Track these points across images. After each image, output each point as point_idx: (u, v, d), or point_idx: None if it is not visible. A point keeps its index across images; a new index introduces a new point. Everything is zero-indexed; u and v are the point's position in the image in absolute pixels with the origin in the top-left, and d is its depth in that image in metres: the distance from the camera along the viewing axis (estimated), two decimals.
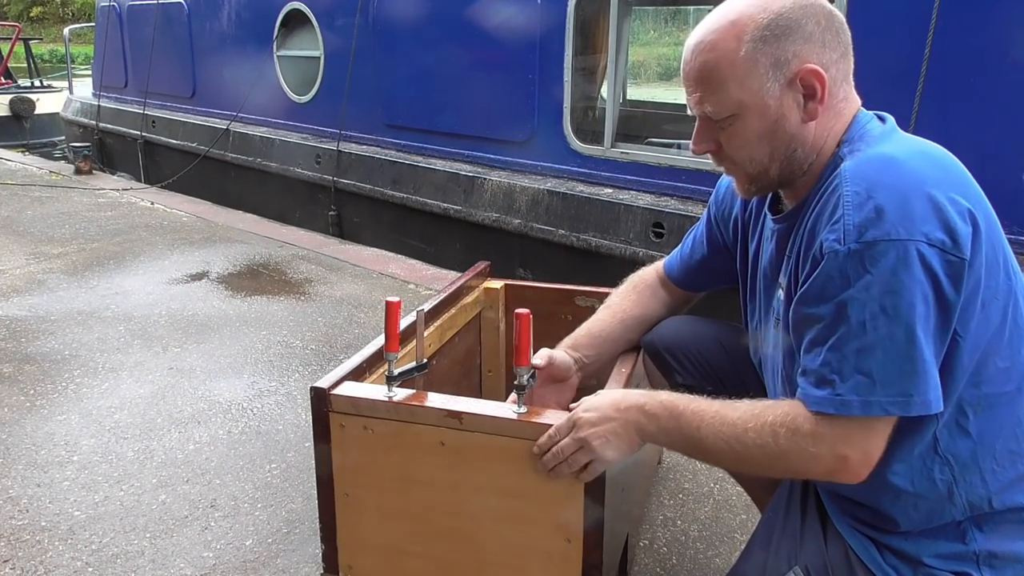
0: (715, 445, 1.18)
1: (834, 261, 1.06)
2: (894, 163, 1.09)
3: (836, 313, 1.06)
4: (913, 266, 1.02)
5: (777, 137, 1.18)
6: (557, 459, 1.32)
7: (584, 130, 4.44)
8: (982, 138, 3.04)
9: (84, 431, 2.51)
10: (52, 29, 36.76)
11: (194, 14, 7.23)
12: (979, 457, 1.12)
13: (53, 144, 12.19)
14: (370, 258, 4.62)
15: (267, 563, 1.90)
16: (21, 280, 4.02)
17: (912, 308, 1.03)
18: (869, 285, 1.03)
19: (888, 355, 1.04)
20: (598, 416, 1.28)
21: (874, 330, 1.04)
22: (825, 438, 1.09)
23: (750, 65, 1.15)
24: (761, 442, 1.14)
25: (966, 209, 1.05)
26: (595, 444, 1.27)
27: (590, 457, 1.29)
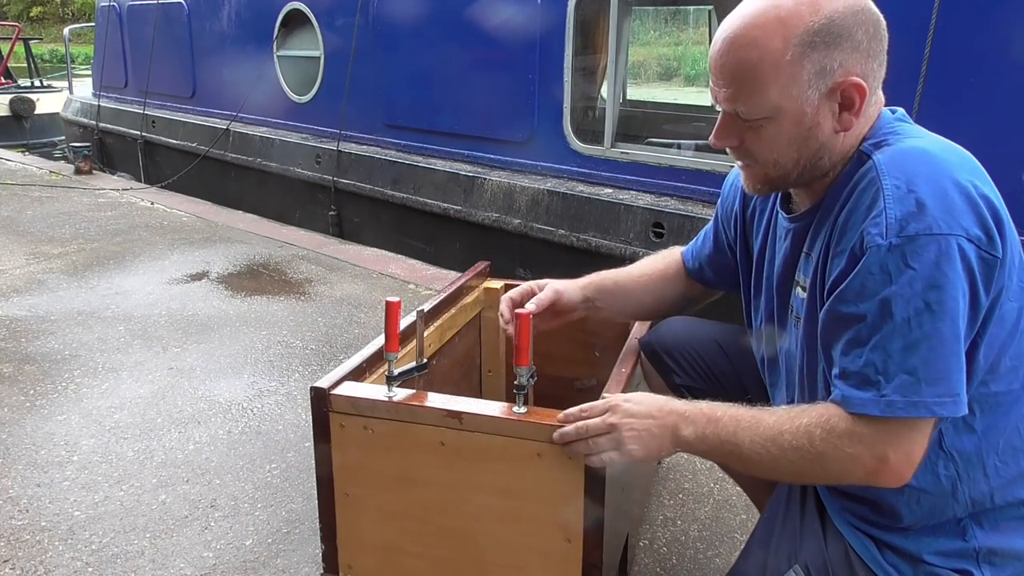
0: (751, 449, 1.15)
1: (876, 255, 1.03)
2: (929, 156, 1.07)
3: (879, 311, 1.04)
4: (955, 260, 1.01)
5: (807, 144, 1.15)
6: (579, 435, 1.27)
7: (584, 130, 4.44)
8: (982, 138, 3.03)
9: (84, 431, 2.51)
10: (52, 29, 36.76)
11: (194, 14, 7.23)
12: (983, 453, 1.11)
13: (53, 144, 12.19)
14: (370, 258, 4.62)
15: (267, 563, 1.90)
16: (21, 280, 4.02)
17: (956, 303, 1.01)
18: (912, 280, 1.01)
19: (934, 352, 1.02)
20: (640, 409, 1.23)
21: (919, 327, 1.02)
22: (864, 438, 1.06)
23: (795, 70, 1.09)
24: (797, 444, 1.11)
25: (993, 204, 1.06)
26: (626, 435, 1.22)
27: (614, 447, 1.23)
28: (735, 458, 1.19)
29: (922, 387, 1.03)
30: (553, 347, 2.12)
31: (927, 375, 1.02)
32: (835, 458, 1.09)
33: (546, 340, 1.63)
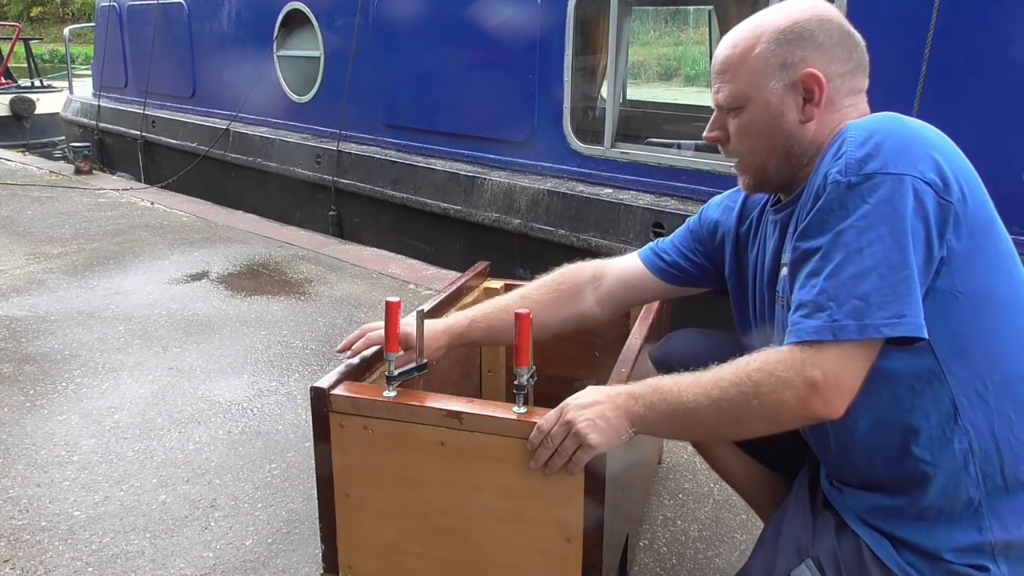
0: (695, 402, 1.18)
1: (836, 192, 1.10)
2: (896, 117, 1.16)
3: (833, 242, 1.10)
4: (908, 197, 1.07)
5: (776, 133, 1.25)
6: (548, 449, 1.30)
7: (584, 130, 4.44)
8: (982, 138, 3.04)
9: (84, 431, 2.51)
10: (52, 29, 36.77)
11: (194, 14, 7.23)
12: (995, 427, 1.13)
13: (53, 144, 12.20)
14: (370, 258, 4.62)
15: (267, 563, 1.90)
16: (21, 280, 4.02)
17: (906, 235, 1.07)
18: (867, 214, 1.08)
19: (884, 279, 1.07)
20: (588, 399, 1.28)
21: (871, 255, 1.07)
22: (796, 362, 1.10)
23: (761, 62, 1.24)
24: (736, 379, 1.15)
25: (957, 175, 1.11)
26: (582, 428, 1.25)
27: (577, 443, 1.27)
28: (685, 419, 1.22)
29: (873, 311, 1.06)
30: (553, 347, 2.12)
31: (878, 299, 1.06)
32: (769, 386, 1.12)
33: (546, 340, 1.63)
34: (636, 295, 1.64)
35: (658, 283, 1.60)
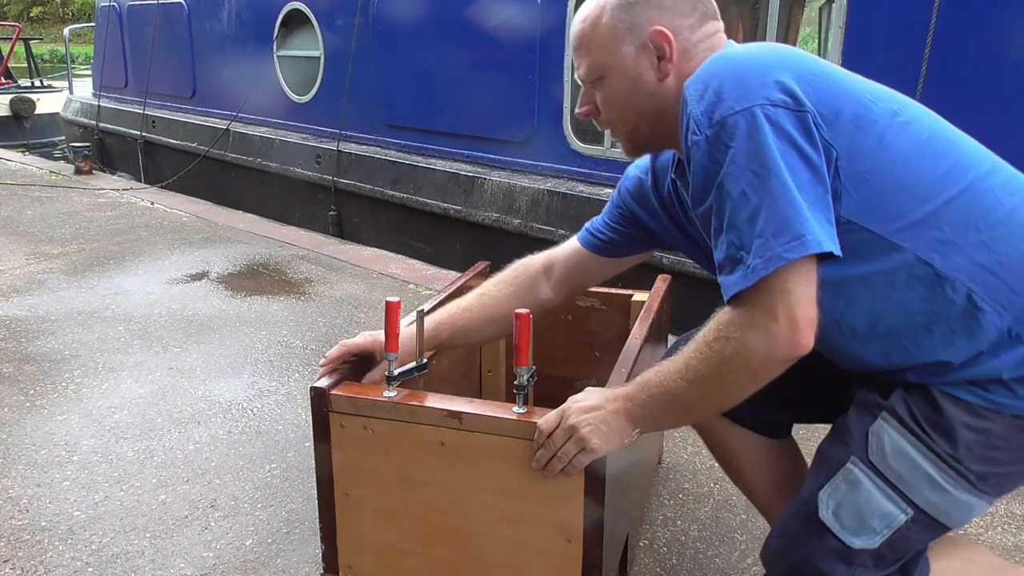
0: (676, 387, 1.20)
1: (698, 152, 1.14)
2: (723, 56, 1.20)
3: (718, 197, 1.13)
4: (763, 125, 1.09)
5: (637, 95, 1.30)
6: (549, 451, 1.31)
7: (584, 130, 4.44)
8: (982, 138, 3.04)
9: (84, 431, 2.51)
10: (52, 29, 36.78)
11: (194, 14, 7.24)
12: (977, 259, 1.13)
13: (53, 144, 12.20)
14: (370, 258, 4.62)
15: (267, 563, 1.90)
16: (21, 280, 4.03)
17: (776, 161, 1.08)
18: (734, 157, 1.10)
19: (772, 210, 1.08)
20: (588, 404, 1.29)
21: (755, 194, 1.09)
22: (744, 320, 1.12)
23: (609, 31, 1.29)
24: (702, 356, 1.16)
25: (796, 76, 1.13)
26: (585, 432, 1.27)
27: (580, 447, 1.28)
28: (677, 407, 1.24)
29: (771, 242, 1.08)
30: (553, 347, 2.12)
31: (772, 230, 1.08)
32: (730, 350, 1.13)
33: (546, 340, 1.63)
34: (586, 276, 1.69)
35: (601, 260, 1.65)
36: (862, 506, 1.22)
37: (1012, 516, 2.12)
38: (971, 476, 1.17)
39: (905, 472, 1.19)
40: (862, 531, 1.21)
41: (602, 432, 1.27)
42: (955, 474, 1.17)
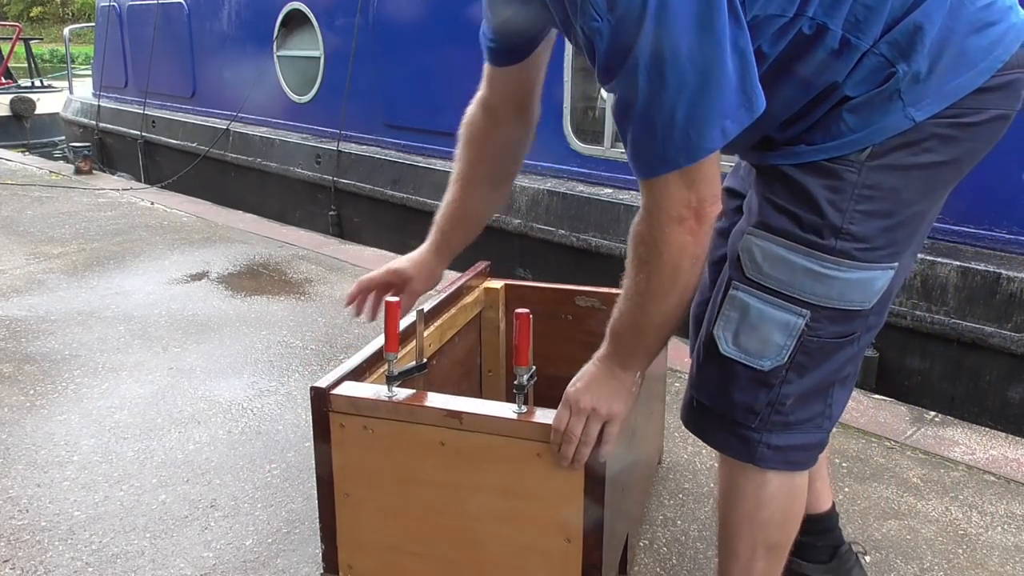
0: (643, 315, 1.21)
1: (600, 38, 1.06)
2: None
3: (627, 81, 1.06)
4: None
5: None
6: (573, 443, 1.29)
7: (584, 130, 4.45)
8: None
9: (84, 431, 2.51)
10: (52, 29, 36.79)
11: (194, 14, 7.24)
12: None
13: (53, 144, 12.21)
14: (370, 258, 4.62)
15: (267, 563, 1.90)
16: (21, 280, 4.03)
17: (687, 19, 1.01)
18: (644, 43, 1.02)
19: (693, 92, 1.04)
20: (583, 382, 1.29)
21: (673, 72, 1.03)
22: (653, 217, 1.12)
23: None
24: (641, 272, 1.17)
25: None
26: (598, 405, 1.27)
27: (601, 421, 1.28)
28: (650, 332, 1.24)
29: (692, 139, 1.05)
30: (553, 347, 2.12)
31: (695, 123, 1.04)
32: (657, 253, 1.13)
33: (546, 340, 1.63)
34: (523, 87, 1.55)
35: (520, 68, 1.50)
36: (758, 326, 1.20)
37: (1012, 516, 2.12)
38: (851, 248, 1.15)
39: (784, 275, 1.17)
40: (767, 351, 1.20)
41: (613, 396, 1.27)
42: (834, 257, 1.15)
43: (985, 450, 2.45)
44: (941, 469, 2.34)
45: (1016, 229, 2.97)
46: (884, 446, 2.47)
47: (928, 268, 3.06)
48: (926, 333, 3.09)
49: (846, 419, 2.61)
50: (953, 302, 3.01)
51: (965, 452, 2.43)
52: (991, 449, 2.45)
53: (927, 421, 2.63)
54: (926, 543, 2.00)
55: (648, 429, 1.99)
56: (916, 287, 3.09)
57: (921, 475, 2.31)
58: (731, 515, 1.37)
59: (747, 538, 1.35)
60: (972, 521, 2.09)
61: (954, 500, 2.19)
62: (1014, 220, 2.97)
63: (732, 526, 1.37)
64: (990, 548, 1.98)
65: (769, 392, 1.23)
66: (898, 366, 3.20)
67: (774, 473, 1.29)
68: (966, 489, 2.24)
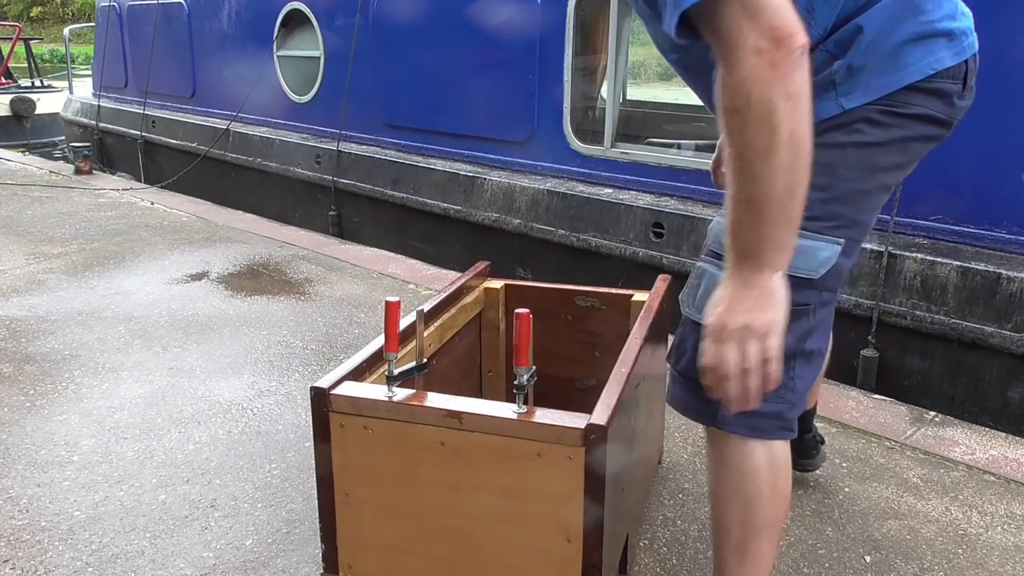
0: (744, 177, 1.08)
1: None
2: None
3: None
4: None
5: None
6: (733, 377, 1.13)
7: (584, 130, 4.45)
8: (982, 138, 3.04)
9: (84, 431, 2.51)
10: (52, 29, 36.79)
11: (194, 14, 7.23)
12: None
13: (53, 144, 12.20)
14: (370, 258, 4.62)
15: (267, 563, 1.90)
16: (21, 280, 4.03)
17: None
18: None
19: None
20: (723, 304, 1.15)
21: None
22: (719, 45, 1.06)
23: None
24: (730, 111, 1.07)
25: None
26: (752, 323, 1.12)
27: (761, 339, 1.12)
28: (766, 209, 1.09)
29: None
30: (553, 347, 2.12)
31: None
32: (745, 97, 1.04)
33: (546, 340, 1.63)
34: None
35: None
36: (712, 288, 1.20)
37: (1012, 516, 2.12)
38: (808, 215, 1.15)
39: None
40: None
41: (758, 306, 1.12)
42: None
43: (985, 450, 2.45)
44: (941, 469, 2.35)
45: (1016, 229, 2.97)
46: (884, 446, 2.47)
47: (928, 268, 3.06)
48: (926, 333, 3.09)
49: (846, 419, 2.61)
50: (953, 302, 3.01)
51: (965, 452, 2.43)
52: (991, 449, 2.45)
53: (927, 421, 2.63)
54: (926, 543, 2.00)
55: (648, 429, 1.99)
56: (916, 287, 3.09)
57: (921, 475, 2.31)
58: (720, 491, 1.40)
59: (737, 515, 1.37)
60: (972, 521, 2.09)
61: (954, 500, 2.19)
62: (1014, 220, 2.97)
63: (722, 502, 1.40)
64: (990, 548, 1.98)
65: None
66: (898, 366, 3.20)
67: (757, 443, 1.33)
68: (966, 489, 2.24)
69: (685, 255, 3.71)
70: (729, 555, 1.41)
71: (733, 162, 1.09)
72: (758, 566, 1.39)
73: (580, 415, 1.38)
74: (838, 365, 1.78)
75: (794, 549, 1.97)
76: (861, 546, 1.98)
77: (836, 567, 1.90)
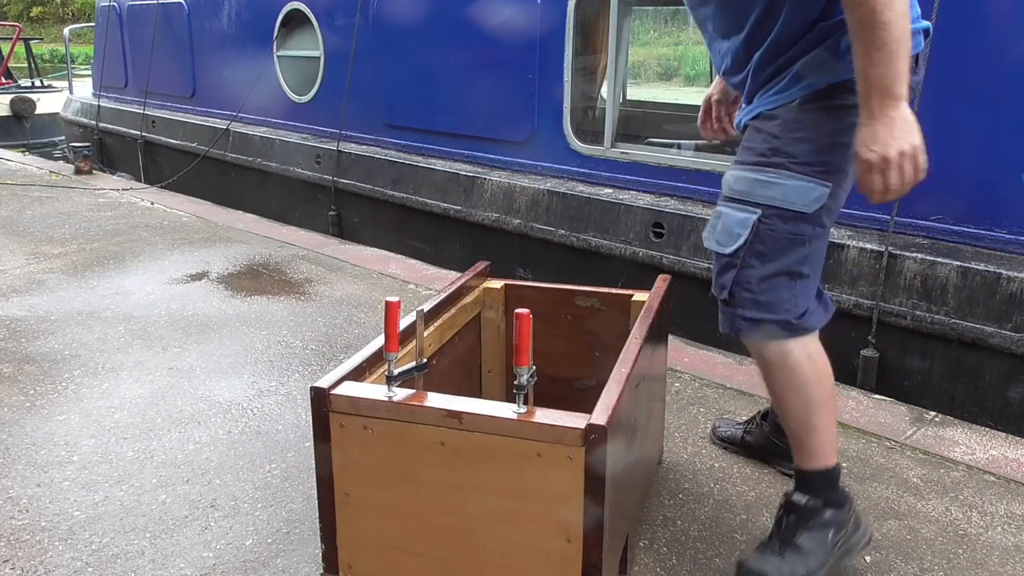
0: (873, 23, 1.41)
1: None
2: None
3: None
4: None
5: None
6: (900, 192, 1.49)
7: (584, 130, 4.44)
8: (982, 138, 3.04)
9: (84, 431, 2.51)
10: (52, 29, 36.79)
11: (194, 14, 7.23)
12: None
13: (53, 144, 12.20)
14: (370, 258, 4.62)
15: (267, 563, 1.91)
16: (21, 280, 4.03)
17: None
18: None
19: None
20: (879, 138, 1.45)
21: None
22: None
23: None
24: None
25: None
26: (905, 147, 1.44)
27: (912, 158, 1.45)
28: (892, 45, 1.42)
29: None
30: (553, 347, 2.12)
31: None
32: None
33: (546, 340, 1.63)
34: None
35: None
36: (727, 224, 1.67)
37: (1012, 516, 2.12)
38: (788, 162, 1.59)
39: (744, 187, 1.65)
40: (730, 240, 1.66)
41: (905, 131, 1.44)
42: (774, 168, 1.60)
43: (985, 450, 2.45)
44: (941, 469, 2.35)
45: (1016, 229, 2.97)
46: (884, 446, 2.47)
47: (928, 268, 3.06)
48: (926, 333, 3.09)
49: (846, 419, 2.61)
50: (953, 302, 3.01)
51: (965, 452, 2.43)
52: (991, 449, 2.45)
53: (927, 421, 2.63)
54: (926, 543, 2.00)
55: (648, 429, 1.99)
56: (916, 287, 3.09)
57: (921, 475, 2.31)
58: (776, 388, 1.73)
59: (795, 402, 1.70)
60: (972, 521, 2.09)
61: (954, 500, 2.19)
62: (1014, 220, 2.97)
63: (781, 397, 1.73)
64: (990, 548, 1.98)
65: (736, 272, 1.66)
66: (898, 366, 3.20)
67: (792, 344, 1.67)
68: (966, 489, 2.24)
69: (685, 255, 3.71)
70: (800, 433, 1.74)
71: (867, 18, 1.41)
72: (825, 433, 1.73)
73: (580, 415, 1.39)
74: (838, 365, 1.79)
75: None
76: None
77: (836, 567, 1.90)
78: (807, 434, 1.73)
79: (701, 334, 3.42)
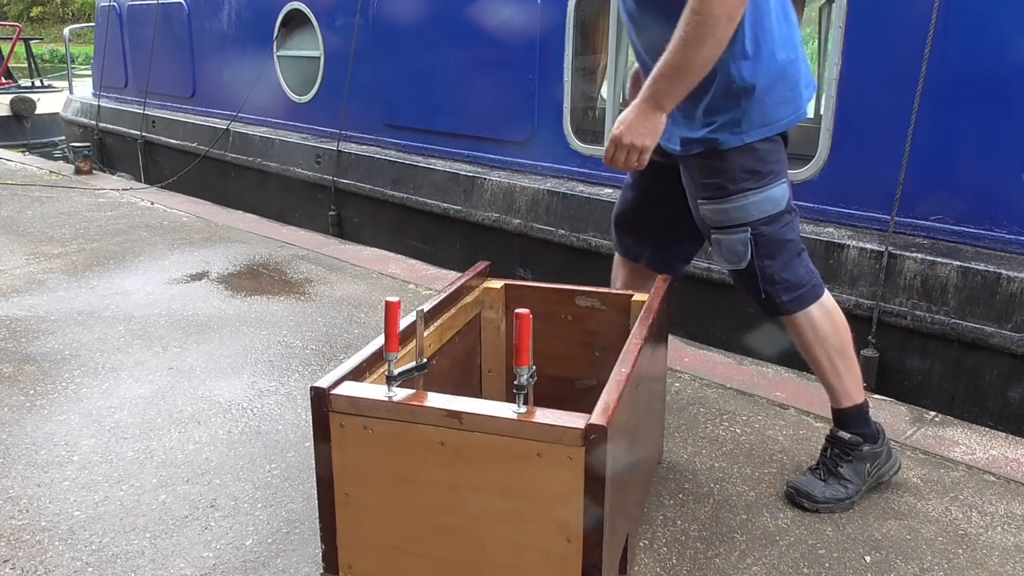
0: (683, 58, 1.72)
1: None
2: None
3: None
4: None
5: None
6: (619, 166, 1.89)
7: (584, 130, 4.44)
8: (982, 138, 3.04)
9: (84, 431, 2.51)
10: (52, 29, 36.80)
11: (194, 14, 7.23)
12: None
13: (53, 144, 12.19)
14: (370, 258, 4.62)
15: (267, 563, 1.91)
16: (21, 280, 4.03)
17: None
18: None
19: None
20: (627, 123, 1.83)
21: None
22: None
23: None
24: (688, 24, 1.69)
25: None
26: (636, 142, 1.82)
27: (637, 152, 1.84)
28: (681, 76, 1.75)
29: None
30: (553, 347, 2.12)
31: None
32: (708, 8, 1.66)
33: (546, 340, 1.63)
34: None
35: None
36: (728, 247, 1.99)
37: (1012, 516, 2.12)
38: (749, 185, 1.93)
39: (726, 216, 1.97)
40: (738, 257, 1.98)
41: (646, 133, 1.81)
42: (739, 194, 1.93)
43: (985, 450, 2.45)
44: (941, 469, 2.35)
45: (1016, 229, 2.97)
46: None
47: (928, 268, 3.06)
48: (926, 333, 3.09)
49: None
50: (953, 302, 3.01)
51: (965, 452, 2.43)
52: (991, 449, 2.45)
53: (927, 421, 2.63)
54: (926, 543, 2.00)
55: (648, 429, 1.99)
56: (916, 287, 3.09)
57: (921, 475, 2.31)
58: (805, 346, 2.06)
59: (821, 351, 2.04)
60: (972, 521, 2.09)
61: (954, 500, 2.19)
62: (1014, 220, 2.97)
63: (811, 351, 2.06)
64: (990, 548, 1.98)
65: (758, 279, 1.99)
66: (898, 366, 3.20)
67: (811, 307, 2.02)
68: (966, 489, 2.24)
69: None
70: (829, 377, 2.08)
71: (678, 44, 1.71)
72: (849, 375, 2.08)
73: (580, 415, 1.39)
74: None
75: (794, 549, 1.97)
76: (861, 546, 1.98)
77: (836, 567, 1.90)
78: (835, 377, 2.06)
79: (701, 334, 3.42)
